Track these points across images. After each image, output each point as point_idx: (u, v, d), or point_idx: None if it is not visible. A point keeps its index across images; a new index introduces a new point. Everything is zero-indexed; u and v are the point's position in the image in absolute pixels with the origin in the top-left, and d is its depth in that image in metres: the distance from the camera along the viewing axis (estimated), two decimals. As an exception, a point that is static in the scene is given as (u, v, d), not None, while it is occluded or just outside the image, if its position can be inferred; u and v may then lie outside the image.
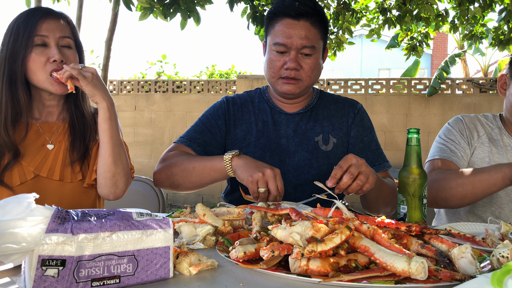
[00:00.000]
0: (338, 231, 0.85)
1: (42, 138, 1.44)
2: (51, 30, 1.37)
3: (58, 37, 1.38)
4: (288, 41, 1.53)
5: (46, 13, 1.40)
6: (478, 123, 1.73)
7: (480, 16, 5.75)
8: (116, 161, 1.39)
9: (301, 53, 1.55)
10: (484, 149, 1.68)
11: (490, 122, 1.74)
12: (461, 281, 0.75)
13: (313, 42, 1.54)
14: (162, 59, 10.34)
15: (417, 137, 1.20)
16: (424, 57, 15.52)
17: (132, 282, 0.78)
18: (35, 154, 1.41)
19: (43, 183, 1.40)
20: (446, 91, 6.59)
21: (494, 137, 1.70)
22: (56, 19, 1.40)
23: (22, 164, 1.39)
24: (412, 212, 1.18)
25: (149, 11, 3.74)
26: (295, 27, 1.53)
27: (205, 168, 1.47)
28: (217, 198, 7.14)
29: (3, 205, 0.72)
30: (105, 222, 0.77)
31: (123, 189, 1.44)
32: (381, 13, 6.00)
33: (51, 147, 1.44)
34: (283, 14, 1.55)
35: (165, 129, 7.26)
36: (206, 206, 1.14)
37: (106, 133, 1.37)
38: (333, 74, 18.26)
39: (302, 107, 1.71)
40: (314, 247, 0.81)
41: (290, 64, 1.54)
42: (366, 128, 1.70)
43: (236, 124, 1.69)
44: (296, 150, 1.65)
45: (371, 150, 1.66)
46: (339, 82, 6.89)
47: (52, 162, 1.43)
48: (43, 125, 1.47)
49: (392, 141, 6.64)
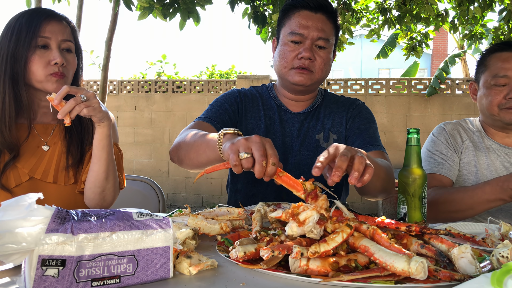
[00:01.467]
0: (339, 229, 0.85)
1: (37, 139, 1.43)
2: (53, 32, 1.37)
3: (60, 40, 1.38)
4: (305, 31, 1.56)
5: (50, 15, 1.39)
6: (460, 129, 1.79)
7: (480, 16, 5.75)
8: (109, 177, 1.38)
9: (315, 45, 1.57)
10: (469, 153, 1.74)
11: (471, 126, 1.80)
12: (461, 281, 0.75)
13: (328, 35, 1.58)
14: (162, 59, 10.35)
15: (417, 137, 1.20)
16: (424, 57, 15.53)
17: (132, 282, 0.78)
18: (30, 156, 1.40)
19: (38, 185, 1.39)
20: (446, 91, 6.59)
21: (476, 140, 1.76)
22: (59, 22, 1.40)
23: (17, 166, 1.37)
24: (412, 212, 1.18)
25: (148, 10, 3.74)
26: (312, 18, 1.57)
27: (201, 144, 1.36)
28: (217, 198, 7.14)
29: (4, 205, 0.72)
30: (105, 222, 0.77)
31: (110, 203, 1.43)
32: (381, 13, 6.00)
33: (46, 149, 1.43)
34: (302, 6, 1.58)
35: (165, 129, 7.25)
36: (197, 217, 1.09)
37: (105, 150, 1.35)
38: (333, 74, 18.25)
39: (307, 107, 1.73)
40: (317, 248, 0.81)
41: (304, 53, 1.55)
42: (364, 119, 1.70)
43: (246, 115, 1.70)
44: (298, 149, 1.67)
45: (368, 134, 1.63)
46: (339, 82, 6.89)
47: (47, 164, 1.41)
48: (38, 126, 1.45)
49: (392, 141, 6.64)
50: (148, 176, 7.01)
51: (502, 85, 1.64)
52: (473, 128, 1.80)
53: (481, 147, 1.74)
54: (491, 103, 1.66)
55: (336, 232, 0.84)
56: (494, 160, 1.71)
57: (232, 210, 1.18)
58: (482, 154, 1.73)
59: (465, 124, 1.81)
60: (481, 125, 1.79)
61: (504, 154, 1.71)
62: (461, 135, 1.77)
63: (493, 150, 1.72)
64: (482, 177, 1.69)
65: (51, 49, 1.37)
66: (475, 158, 1.72)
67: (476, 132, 1.78)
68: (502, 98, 1.63)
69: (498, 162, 1.70)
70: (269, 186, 1.65)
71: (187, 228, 0.98)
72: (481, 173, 1.71)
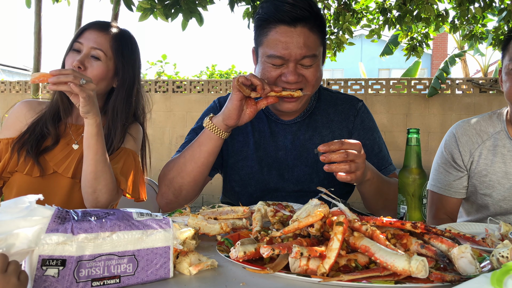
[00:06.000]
0: (331, 234, 0.83)
1: (68, 137, 1.51)
2: (88, 39, 1.45)
3: (90, 47, 1.44)
4: (285, 52, 1.34)
5: (95, 24, 1.50)
6: (474, 132, 1.59)
7: (480, 17, 5.75)
8: (98, 178, 1.37)
9: (301, 64, 1.38)
10: (480, 162, 1.57)
11: (490, 126, 1.59)
12: (452, 283, 0.75)
13: (314, 50, 1.37)
14: (162, 59, 10.35)
15: (417, 137, 1.20)
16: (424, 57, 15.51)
17: (132, 282, 0.78)
18: (59, 151, 1.48)
19: (57, 179, 1.46)
20: (446, 91, 6.59)
21: (495, 142, 1.55)
22: (99, 30, 1.47)
23: (45, 159, 1.45)
24: (412, 212, 1.18)
25: (149, 11, 3.73)
26: (291, 35, 1.34)
27: (194, 149, 1.41)
28: (217, 198, 7.13)
29: (4, 205, 0.72)
30: (105, 222, 0.77)
31: (105, 204, 1.43)
32: (381, 14, 6.00)
33: (76, 147, 1.50)
34: (276, 20, 1.35)
35: (165, 129, 7.25)
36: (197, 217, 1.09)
37: (92, 149, 1.35)
38: (333, 74, 18.25)
39: (299, 114, 1.58)
40: (321, 268, 0.79)
41: (290, 77, 1.36)
42: (368, 130, 1.61)
43: (232, 133, 1.47)
44: (295, 164, 1.56)
45: (374, 154, 1.58)
46: (339, 82, 6.88)
47: (71, 161, 1.47)
48: (73, 126, 1.54)
49: (392, 141, 6.63)
50: (148, 176, 6.97)
51: None
52: (497, 126, 1.57)
53: (499, 152, 1.53)
54: (509, 90, 1.46)
55: (331, 239, 0.82)
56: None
57: (236, 208, 1.18)
58: (500, 160, 1.53)
59: (484, 124, 1.59)
60: (506, 122, 1.57)
61: None
62: (473, 140, 1.58)
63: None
64: (499, 188, 1.53)
65: (80, 53, 1.44)
66: (488, 167, 1.55)
67: (498, 132, 1.57)
68: None
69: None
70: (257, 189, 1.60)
71: (187, 228, 0.99)
72: (497, 182, 1.54)
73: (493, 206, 1.56)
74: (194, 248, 0.95)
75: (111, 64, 1.47)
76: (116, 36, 1.48)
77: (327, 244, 0.83)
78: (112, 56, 1.47)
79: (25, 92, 7.41)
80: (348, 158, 1.18)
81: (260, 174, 1.57)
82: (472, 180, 1.60)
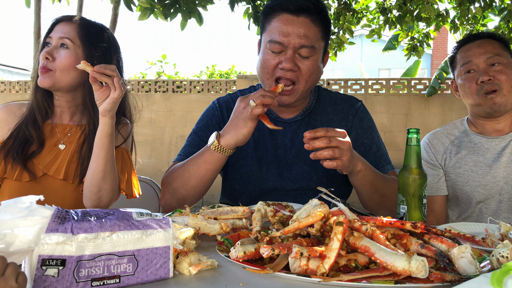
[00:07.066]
0: (331, 234, 0.83)
1: (55, 138, 1.49)
2: (56, 32, 1.46)
3: (58, 37, 1.45)
4: (284, 39, 1.39)
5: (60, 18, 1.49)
6: (442, 135, 1.82)
7: (481, 16, 5.75)
8: (106, 177, 1.38)
9: (299, 53, 1.41)
10: (453, 157, 1.75)
11: (455, 129, 1.81)
12: (452, 283, 0.75)
13: (313, 42, 1.41)
14: (162, 59, 10.36)
15: (417, 137, 1.20)
16: (424, 57, 15.50)
17: (132, 282, 0.78)
18: (47, 153, 1.46)
19: (48, 182, 1.44)
20: (446, 91, 6.59)
21: (460, 139, 1.77)
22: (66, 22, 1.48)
23: (34, 163, 1.43)
24: (412, 212, 1.18)
25: (149, 11, 3.74)
26: (293, 23, 1.39)
27: (199, 166, 1.41)
28: (217, 198, 7.13)
29: (4, 205, 0.72)
30: (105, 222, 0.77)
31: (106, 204, 1.43)
32: (381, 13, 6.01)
33: (62, 147, 1.48)
34: (281, 9, 1.41)
35: (165, 129, 7.25)
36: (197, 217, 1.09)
37: (104, 148, 1.35)
38: (333, 74, 18.25)
39: (299, 112, 1.61)
40: (322, 268, 0.79)
41: (285, 64, 1.39)
42: (366, 129, 1.62)
43: None
44: (294, 162, 1.57)
45: (372, 153, 1.59)
46: (339, 82, 6.88)
47: (61, 162, 1.46)
48: (59, 125, 1.52)
49: (392, 141, 6.64)
50: (148, 176, 6.98)
51: (470, 72, 1.68)
52: (461, 128, 1.80)
53: (466, 146, 1.74)
54: (468, 93, 1.69)
55: (331, 239, 0.82)
56: (484, 155, 1.70)
57: (236, 209, 1.17)
58: (468, 152, 1.73)
59: (449, 128, 1.83)
60: (467, 123, 1.80)
61: (495, 144, 1.70)
62: (443, 141, 1.79)
63: (481, 145, 1.72)
64: (473, 175, 1.70)
65: (50, 46, 1.44)
66: (460, 160, 1.73)
67: (462, 132, 1.79)
68: (475, 84, 1.65)
69: (489, 155, 1.69)
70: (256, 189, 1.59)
71: (187, 228, 0.99)
72: (471, 170, 1.71)
73: (473, 193, 1.70)
74: (194, 248, 0.95)
75: (80, 52, 1.46)
76: (82, 24, 1.48)
77: (327, 244, 0.83)
78: (80, 44, 1.45)
79: (24, 92, 7.41)
80: (331, 144, 1.20)
81: (259, 172, 1.57)
82: (450, 175, 1.75)
